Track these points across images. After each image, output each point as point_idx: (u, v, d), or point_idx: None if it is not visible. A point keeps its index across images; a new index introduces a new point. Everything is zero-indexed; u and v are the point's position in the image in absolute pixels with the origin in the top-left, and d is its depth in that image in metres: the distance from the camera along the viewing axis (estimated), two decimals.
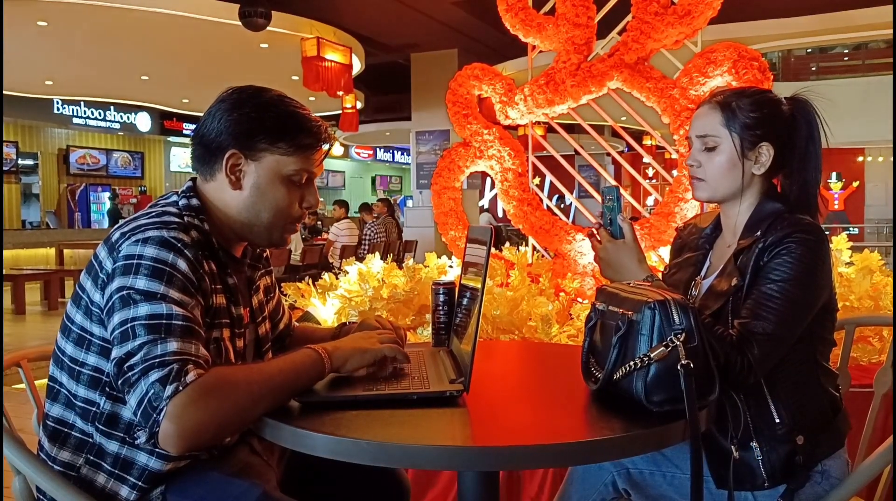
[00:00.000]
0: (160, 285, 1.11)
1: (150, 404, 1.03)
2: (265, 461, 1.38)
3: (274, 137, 1.25)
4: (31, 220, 13.53)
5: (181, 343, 1.08)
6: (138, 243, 1.14)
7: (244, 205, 1.28)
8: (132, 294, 1.10)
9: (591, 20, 3.30)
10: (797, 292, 1.29)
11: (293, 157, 1.27)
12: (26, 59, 8.73)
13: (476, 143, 3.50)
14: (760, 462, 1.32)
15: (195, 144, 1.29)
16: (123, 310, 1.10)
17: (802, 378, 1.36)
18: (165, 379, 1.04)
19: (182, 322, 1.10)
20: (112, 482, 1.19)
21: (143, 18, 6.96)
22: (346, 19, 8.63)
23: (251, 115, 1.25)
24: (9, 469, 1.20)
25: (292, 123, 1.27)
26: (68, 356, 1.21)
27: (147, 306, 1.10)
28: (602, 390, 1.17)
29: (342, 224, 9.11)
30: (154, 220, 1.19)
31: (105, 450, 1.19)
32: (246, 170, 1.26)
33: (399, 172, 23.05)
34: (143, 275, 1.12)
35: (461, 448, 1.01)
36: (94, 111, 13.65)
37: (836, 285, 2.74)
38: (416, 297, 3.02)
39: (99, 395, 1.18)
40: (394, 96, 13.00)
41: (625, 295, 1.20)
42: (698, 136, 1.45)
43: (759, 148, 1.41)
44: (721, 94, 1.46)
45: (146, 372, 1.05)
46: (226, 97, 1.28)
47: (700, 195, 1.48)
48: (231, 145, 1.25)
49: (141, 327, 1.08)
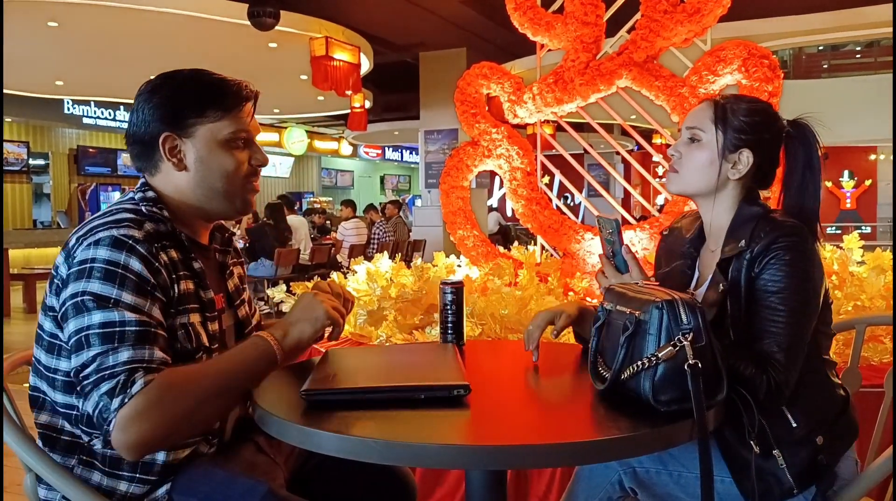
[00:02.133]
0: (113, 289, 1.12)
1: (100, 415, 1.06)
2: (272, 459, 1.38)
3: (199, 108, 1.27)
4: (42, 219, 13.62)
5: (133, 351, 1.09)
6: (90, 247, 1.15)
7: (195, 182, 1.29)
8: (86, 300, 1.11)
9: (599, 18, 3.30)
10: (798, 299, 1.29)
11: (223, 121, 1.28)
12: (37, 59, 8.78)
13: (484, 142, 3.50)
14: (785, 469, 1.32)
15: (130, 144, 1.31)
16: (78, 318, 1.11)
17: (810, 378, 1.35)
18: (112, 392, 1.06)
19: (136, 328, 1.11)
20: (107, 480, 1.20)
21: (153, 19, 6.99)
22: (355, 18, 8.64)
23: (170, 95, 1.28)
24: (8, 466, 1.20)
25: (211, 91, 1.29)
26: (43, 365, 1.22)
27: (100, 314, 1.10)
28: (609, 389, 1.17)
29: (349, 224, 9.12)
30: (105, 220, 1.19)
31: (94, 450, 1.20)
32: (184, 149, 1.28)
33: (407, 172, 23.05)
34: (96, 279, 1.12)
35: (469, 448, 1.01)
36: (104, 111, 13.73)
37: (848, 284, 2.74)
38: (424, 296, 3.02)
39: (76, 398, 1.18)
40: (402, 95, 12.99)
41: (632, 295, 1.20)
42: (687, 127, 1.47)
43: (740, 153, 1.42)
44: (723, 95, 1.48)
45: (97, 384, 1.07)
46: (142, 90, 1.30)
47: (671, 188, 1.51)
48: (162, 130, 1.27)
49: (95, 336, 1.09)
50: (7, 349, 5.73)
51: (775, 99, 2.94)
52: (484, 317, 2.68)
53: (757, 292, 1.32)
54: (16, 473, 2.58)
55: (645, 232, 3.24)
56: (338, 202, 16.50)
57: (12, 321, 7.49)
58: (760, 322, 1.31)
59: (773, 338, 1.28)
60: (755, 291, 1.32)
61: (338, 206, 15.87)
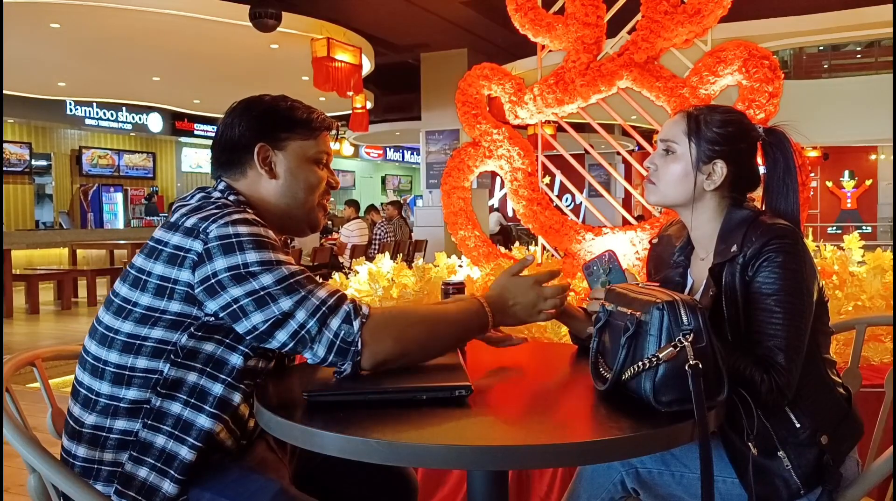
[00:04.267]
0: (269, 254, 1.20)
1: (343, 342, 1.18)
2: (279, 457, 1.39)
3: (290, 125, 1.39)
4: (44, 220, 13.65)
5: (322, 289, 1.21)
6: (228, 225, 1.21)
7: (282, 190, 1.38)
8: (249, 269, 1.18)
9: (600, 19, 3.30)
10: (793, 300, 1.30)
11: (311, 140, 1.41)
12: (39, 61, 8.80)
13: (485, 143, 3.50)
14: (791, 470, 1.32)
15: (219, 151, 1.39)
16: (243, 284, 1.18)
17: (811, 378, 1.36)
18: (348, 318, 1.19)
19: (304, 275, 1.22)
20: (154, 475, 1.21)
21: (155, 20, 7.00)
22: (356, 20, 8.65)
23: (265, 111, 1.39)
24: (8, 466, 1.21)
25: (300, 113, 1.41)
26: (125, 334, 1.23)
27: (270, 275, 1.19)
28: (610, 390, 1.17)
29: (352, 225, 9.13)
30: (224, 210, 1.25)
31: (167, 412, 1.22)
32: (275, 160, 1.38)
33: (409, 172, 23.06)
34: (250, 249, 1.19)
35: (470, 448, 1.02)
36: (106, 112, 13.75)
37: (848, 284, 2.74)
38: (425, 297, 3.03)
39: (163, 363, 1.22)
40: (404, 96, 13.00)
41: (633, 295, 1.20)
42: (662, 139, 1.49)
43: (714, 164, 1.43)
44: (697, 106, 1.49)
45: (324, 321, 1.18)
46: (235, 107, 1.41)
47: (650, 198, 1.52)
48: (258, 140, 1.37)
49: (278, 292, 1.18)
50: (9, 350, 5.74)
51: (776, 99, 2.94)
52: None
53: (752, 296, 1.33)
54: (18, 474, 2.59)
55: (645, 232, 3.25)
56: (339, 203, 16.50)
57: (14, 321, 7.50)
58: (758, 325, 1.31)
59: (771, 340, 1.29)
60: (750, 294, 1.33)
61: (339, 206, 15.87)
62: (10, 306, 7.72)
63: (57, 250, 10.82)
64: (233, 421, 1.29)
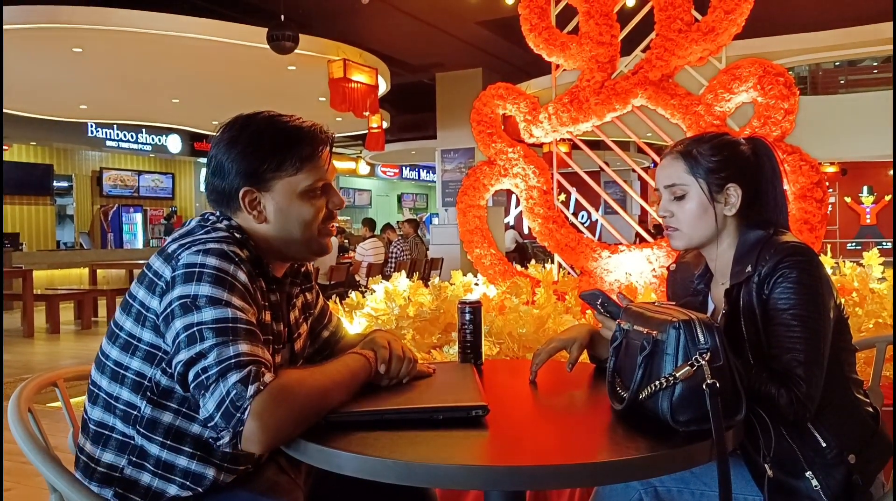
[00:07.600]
0: (223, 292, 1.15)
1: (232, 404, 1.07)
2: (293, 479, 1.39)
3: (277, 163, 1.28)
4: (65, 240, 13.84)
5: (250, 346, 1.12)
6: (199, 254, 1.18)
7: (274, 231, 1.32)
8: (196, 300, 1.13)
9: (614, 38, 3.32)
10: (810, 313, 1.30)
11: (301, 173, 1.30)
12: (62, 84, 8.97)
13: (501, 161, 3.52)
14: (820, 490, 1.31)
15: (209, 192, 1.34)
16: (187, 316, 1.13)
17: (836, 397, 1.35)
18: (246, 380, 1.08)
19: (246, 326, 1.14)
20: (157, 480, 1.22)
21: (175, 44, 7.13)
22: (372, 41, 8.75)
23: (248, 150, 1.28)
24: (28, 486, 1.22)
25: (288, 142, 1.29)
26: (112, 361, 1.24)
27: (212, 311, 1.13)
28: (627, 409, 1.17)
29: (368, 244, 9.16)
30: (211, 235, 1.23)
31: (147, 452, 1.22)
32: (263, 201, 1.30)
33: (425, 191, 23.15)
34: (207, 282, 1.15)
35: (487, 468, 1.02)
36: (126, 134, 13.96)
37: (868, 301, 2.71)
38: (442, 315, 3.03)
39: (140, 399, 1.21)
40: (419, 115, 13.10)
41: (650, 315, 1.20)
42: (666, 186, 1.48)
43: (727, 190, 1.44)
44: (681, 143, 1.50)
45: (224, 374, 1.08)
46: (218, 140, 1.31)
47: (677, 245, 1.51)
48: (242, 185, 1.29)
49: (208, 330, 1.11)
50: (29, 369, 5.80)
51: (791, 116, 2.93)
52: (501, 336, 2.68)
53: (769, 313, 1.33)
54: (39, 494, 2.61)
55: (662, 250, 3.23)
56: (356, 221, 16.55)
57: (35, 341, 7.58)
58: (776, 340, 1.31)
59: (789, 353, 1.29)
60: (767, 312, 1.33)
61: (356, 225, 15.93)
62: (31, 325, 7.80)
63: (77, 271, 10.94)
64: (223, 458, 1.25)
